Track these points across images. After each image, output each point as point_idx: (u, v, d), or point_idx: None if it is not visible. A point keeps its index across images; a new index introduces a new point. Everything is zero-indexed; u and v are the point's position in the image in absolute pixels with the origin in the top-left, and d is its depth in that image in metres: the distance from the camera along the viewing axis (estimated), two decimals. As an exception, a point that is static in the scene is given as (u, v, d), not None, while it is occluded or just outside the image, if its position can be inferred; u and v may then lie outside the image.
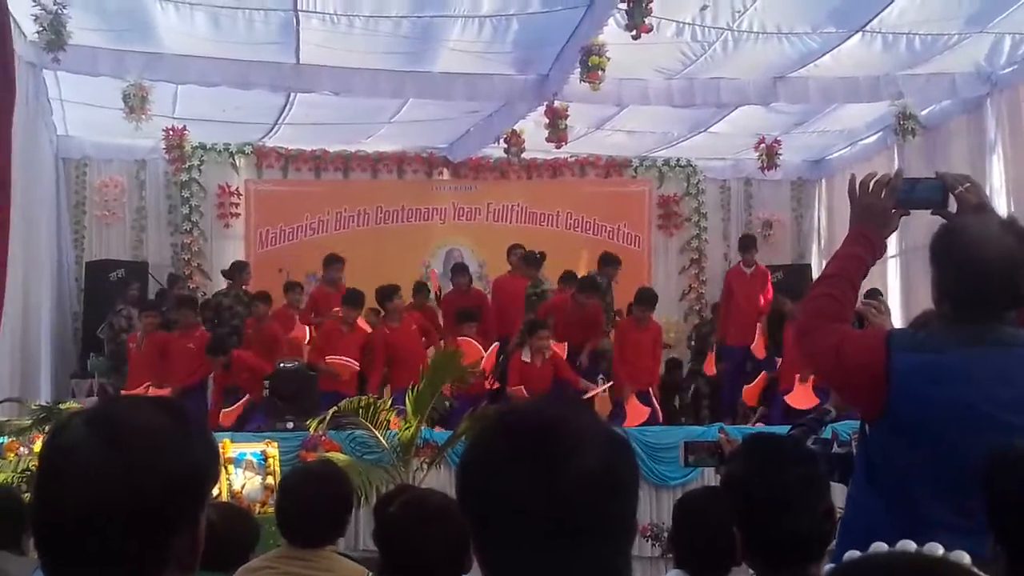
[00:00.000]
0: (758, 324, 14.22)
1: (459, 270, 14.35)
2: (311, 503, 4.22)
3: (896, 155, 15.45)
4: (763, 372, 13.65)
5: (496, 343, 13.01)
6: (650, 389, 13.19)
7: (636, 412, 12.55)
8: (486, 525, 1.71)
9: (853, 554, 1.52)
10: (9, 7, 9.64)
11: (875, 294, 10.17)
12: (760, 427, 11.60)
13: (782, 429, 5.76)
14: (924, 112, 14.01)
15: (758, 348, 14.02)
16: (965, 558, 1.51)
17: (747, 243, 15.25)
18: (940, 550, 1.53)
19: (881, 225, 3.46)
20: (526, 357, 12.42)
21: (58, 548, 1.76)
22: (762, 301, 14.42)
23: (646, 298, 13.27)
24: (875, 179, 3.50)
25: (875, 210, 3.46)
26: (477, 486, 1.72)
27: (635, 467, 1.75)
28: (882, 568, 1.46)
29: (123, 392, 12.24)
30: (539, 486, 1.63)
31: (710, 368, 14.67)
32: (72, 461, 1.74)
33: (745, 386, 13.62)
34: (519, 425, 1.73)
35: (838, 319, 3.38)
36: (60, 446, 1.79)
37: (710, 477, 8.79)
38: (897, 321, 10.44)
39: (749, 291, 14.53)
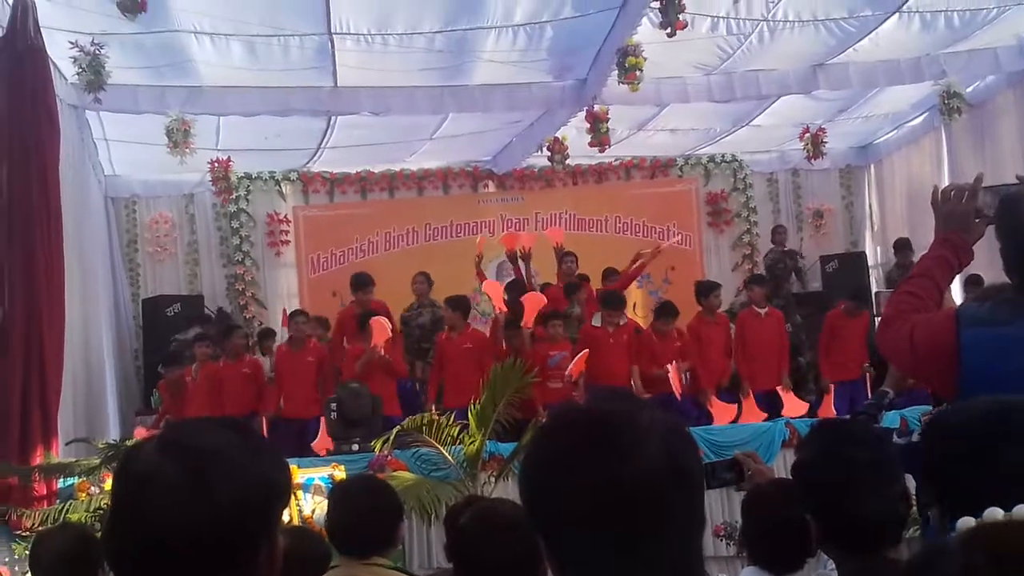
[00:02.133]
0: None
1: (514, 287, 14.23)
2: (360, 512, 4.27)
3: (944, 134, 15.34)
4: None
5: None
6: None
7: (722, 411, 12.42)
8: (550, 525, 1.71)
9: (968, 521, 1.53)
10: (47, 50, 9.76)
11: (977, 280, 9.91)
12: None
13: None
14: (969, 89, 13.85)
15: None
16: None
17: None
18: None
19: (964, 230, 3.46)
20: (596, 322, 12.51)
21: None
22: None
23: (668, 310, 13.12)
24: (956, 187, 3.51)
25: (956, 215, 3.47)
26: (541, 483, 1.72)
27: (698, 459, 1.75)
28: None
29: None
30: (602, 479, 1.63)
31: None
32: (150, 489, 1.74)
33: None
34: (580, 420, 1.73)
35: (917, 314, 3.38)
36: (135, 475, 1.78)
37: (780, 469, 8.67)
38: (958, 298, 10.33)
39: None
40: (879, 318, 12.25)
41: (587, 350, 11.94)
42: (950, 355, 3.15)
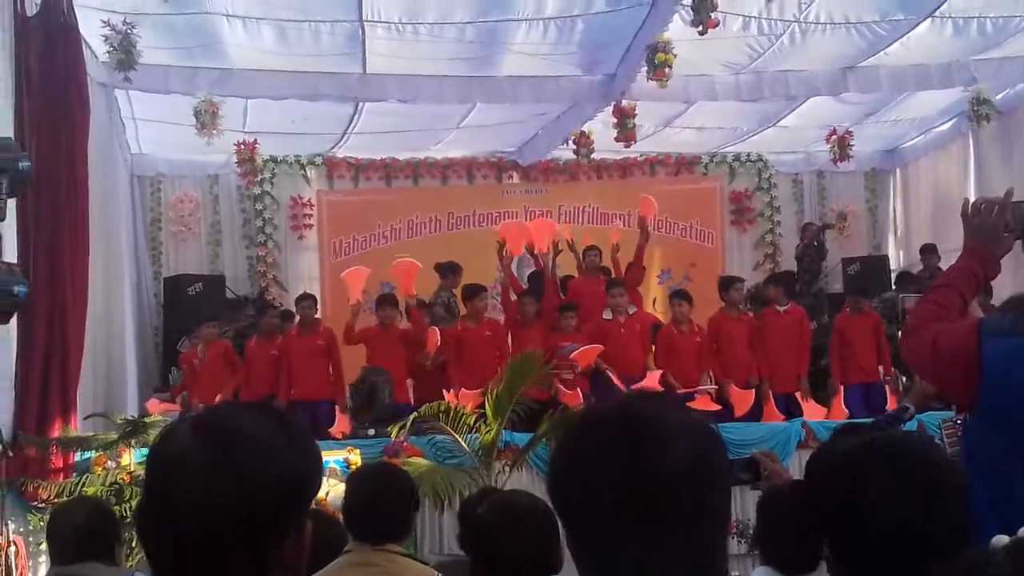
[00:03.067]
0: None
1: (535, 278, 14.27)
2: (375, 499, 4.31)
3: (971, 141, 15.27)
4: None
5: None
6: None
7: (741, 399, 12.36)
8: (577, 517, 1.73)
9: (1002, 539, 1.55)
10: (80, 28, 9.82)
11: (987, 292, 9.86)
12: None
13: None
14: (998, 97, 13.77)
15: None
16: None
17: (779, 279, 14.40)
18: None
19: (992, 243, 3.48)
20: (607, 315, 12.48)
21: (171, 557, 1.78)
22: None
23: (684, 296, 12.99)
24: (986, 200, 3.53)
25: (985, 228, 3.48)
26: (567, 477, 1.74)
27: (725, 459, 1.76)
28: None
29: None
30: (628, 474, 1.65)
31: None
32: (182, 471, 1.75)
33: None
34: (608, 416, 1.75)
35: (941, 322, 3.40)
36: (169, 456, 1.80)
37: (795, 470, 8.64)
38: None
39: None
40: (903, 321, 12.36)
41: (600, 346, 11.95)
42: (971, 364, 3.17)
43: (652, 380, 12.05)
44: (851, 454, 2.18)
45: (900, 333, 12.38)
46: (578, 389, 11.52)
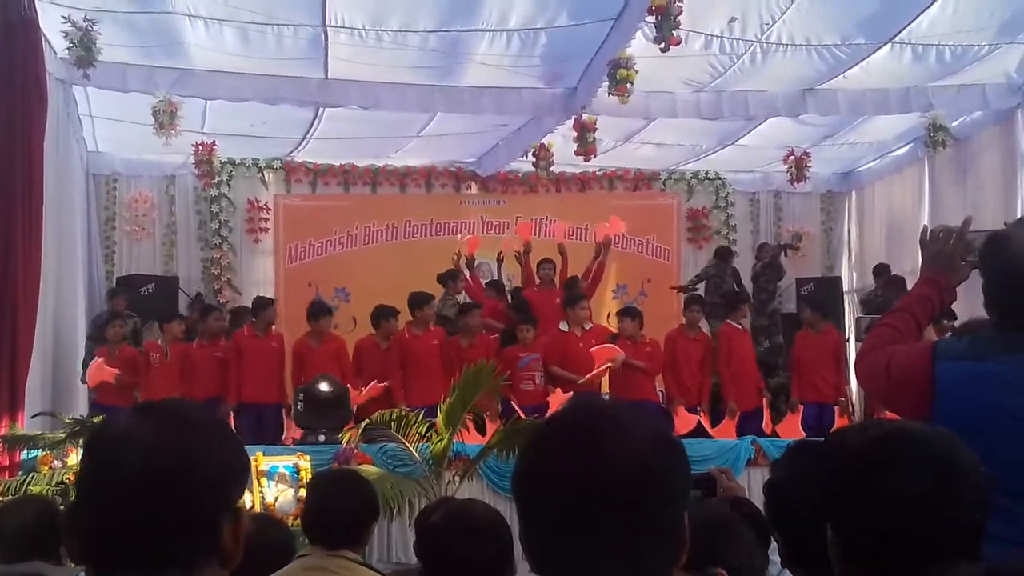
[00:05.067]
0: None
1: (493, 287, 14.30)
2: (334, 504, 4.33)
3: (927, 167, 15.43)
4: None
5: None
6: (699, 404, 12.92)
7: (683, 421, 12.43)
8: (529, 509, 1.76)
9: None
10: (40, 23, 9.74)
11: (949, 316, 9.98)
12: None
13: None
14: (955, 124, 13.95)
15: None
16: None
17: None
18: None
19: (948, 270, 3.55)
20: (564, 327, 12.55)
21: (111, 538, 1.77)
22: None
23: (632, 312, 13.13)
24: (944, 228, 3.62)
25: (942, 257, 3.55)
26: (523, 467, 1.79)
27: (680, 470, 1.77)
28: None
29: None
30: (576, 470, 1.68)
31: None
32: (128, 446, 1.77)
33: None
34: (568, 413, 1.82)
35: (894, 345, 3.46)
36: (113, 434, 1.83)
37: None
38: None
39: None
40: (856, 342, 12.45)
41: (608, 366, 12.20)
42: (924, 386, 3.21)
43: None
44: (869, 449, 2.15)
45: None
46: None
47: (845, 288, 17.69)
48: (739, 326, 13.19)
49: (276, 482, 9.50)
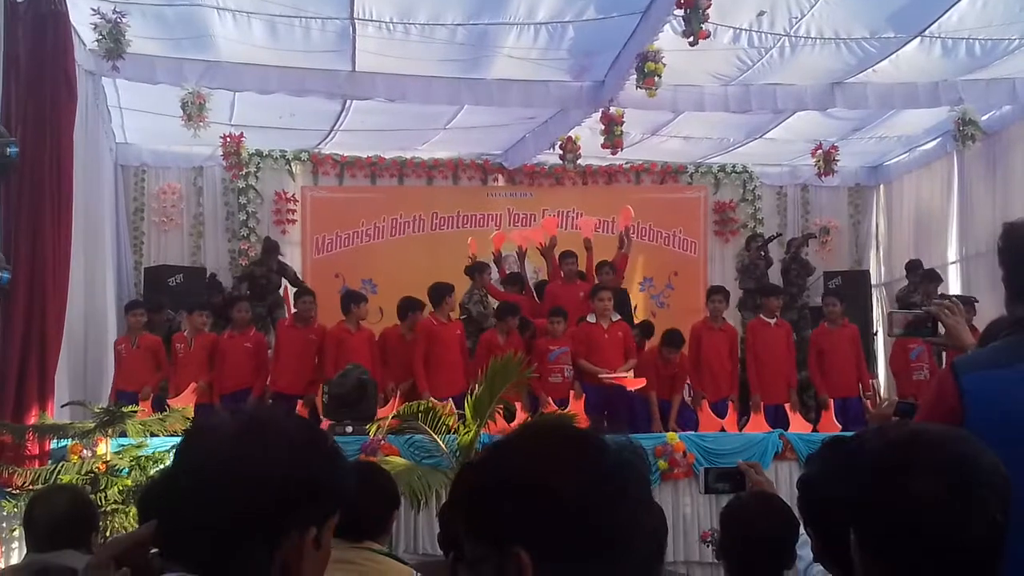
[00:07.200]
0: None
1: (513, 280, 14.28)
2: (358, 497, 4.30)
3: (956, 161, 15.35)
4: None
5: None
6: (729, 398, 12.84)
7: (708, 420, 12.42)
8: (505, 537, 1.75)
9: None
10: (69, 15, 9.79)
11: (971, 301, 9.87)
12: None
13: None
14: (984, 118, 13.85)
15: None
16: None
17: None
18: None
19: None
20: (591, 319, 12.54)
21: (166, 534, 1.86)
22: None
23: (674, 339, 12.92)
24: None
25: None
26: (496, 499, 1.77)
27: (631, 481, 1.74)
28: None
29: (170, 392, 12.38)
30: (538, 496, 1.67)
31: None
32: (209, 435, 1.89)
33: None
34: (530, 434, 1.83)
35: None
36: (201, 425, 1.97)
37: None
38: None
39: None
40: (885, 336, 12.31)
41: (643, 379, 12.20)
42: (954, 405, 3.18)
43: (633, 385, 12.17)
44: (887, 453, 2.13)
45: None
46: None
47: (873, 282, 17.63)
48: (770, 321, 13.05)
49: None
